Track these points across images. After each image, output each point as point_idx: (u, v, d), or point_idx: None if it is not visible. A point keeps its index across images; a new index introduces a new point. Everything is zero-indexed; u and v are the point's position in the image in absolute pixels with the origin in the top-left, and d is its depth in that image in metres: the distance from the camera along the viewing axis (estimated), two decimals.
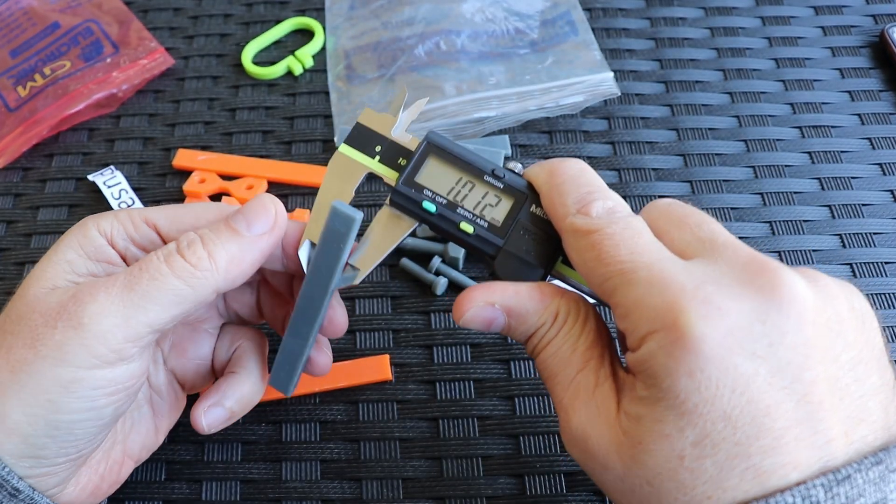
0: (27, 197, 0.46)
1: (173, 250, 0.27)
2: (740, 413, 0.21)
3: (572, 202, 0.27)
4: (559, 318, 0.27)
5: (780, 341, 0.22)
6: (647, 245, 0.25)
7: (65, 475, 0.28)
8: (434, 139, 0.31)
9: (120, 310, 0.26)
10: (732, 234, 0.25)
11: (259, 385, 0.33)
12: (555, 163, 0.29)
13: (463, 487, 0.35)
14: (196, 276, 0.27)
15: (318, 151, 0.47)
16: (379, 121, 0.32)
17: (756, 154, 0.45)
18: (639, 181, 0.44)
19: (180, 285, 0.27)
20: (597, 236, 0.25)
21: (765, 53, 0.50)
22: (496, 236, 0.29)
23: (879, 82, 0.48)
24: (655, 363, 0.22)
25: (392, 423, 0.37)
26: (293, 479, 0.35)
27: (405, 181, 0.30)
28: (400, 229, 0.30)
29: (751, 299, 0.22)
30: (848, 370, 0.23)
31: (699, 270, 0.23)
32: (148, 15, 0.54)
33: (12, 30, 0.52)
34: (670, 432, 0.22)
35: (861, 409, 0.23)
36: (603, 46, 0.50)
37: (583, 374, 0.26)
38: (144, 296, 0.26)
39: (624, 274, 0.24)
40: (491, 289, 0.28)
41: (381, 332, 0.39)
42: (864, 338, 0.24)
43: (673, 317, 0.22)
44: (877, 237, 0.42)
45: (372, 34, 0.51)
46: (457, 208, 0.30)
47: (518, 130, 0.47)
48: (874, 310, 0.25)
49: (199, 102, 0.49)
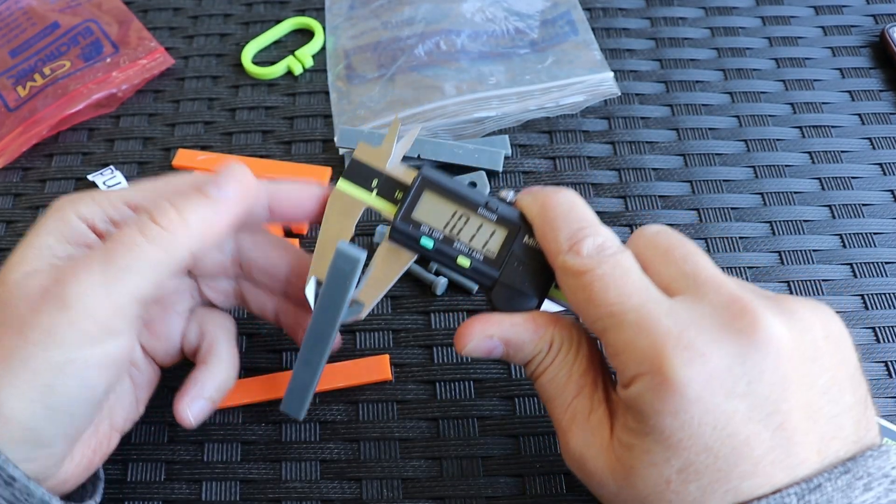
0: (27, 197, 0.46)
1: (146, 219, 0.28)
2: (721, 445, 0.24)
3: (564, 239, 0.28)
4: (554, 345, 0.29)
5: (758, 379, 0.24)
6: (635, 285, 0.26)
7: (62, 454, 0.28)
8: (428, 175, 0.31)
9: (102, 284, 0.26)
10: (716, 267, 0.27)
11: (232, 370, 0.34)
12: (546, 195, 0.30)
13: (463, 487, 0.35)
14: (169, 239, 0.27)
15: (317, 151, 0.47)
16: (373, 155, 0.32)
17: (756, 154, 0.45)
18: (639, 181, 0.44)
19: (156, 251, 0.27)
20: (587, 277, 0.27)
21: (765, 53, 0.50)
22: (492, 268, 0.31)
23: (880, 82, 0.48)
24: (643, 403, 0.24)
25: (392, 423, 0.37)
26: (293, 479, 0.35)
27: (402, 218, 0.31)
28: (400, 263, 0.32)
29: (731, 342, 0.24)
30: (822, 393, 0.25)
31: (683, 313, 0.25)
32: (148, 15, 0.54)
33: (12, 30, 0.51)
34: (657, 461, 0.24)
35: (835, 427, 0.25)
36: (603, 46, 0.50)
37: (578, 399, 0.28)
38: (124, 267, 0.27)
39: (613, 316, 0.26)
40: (489, 321, 0.29)
41: (381, 332, 0.39)
42: (839, 360, 0.26)
43: (658, 362, 0.24)
44: (877, 237, 0.42)
45: (372, 34, 0.51)
46: (453, 242, 0.31)
47: (518, 130, 0.47)
48: (848, 329, 0.27)
49: (199, 102, 0.49)
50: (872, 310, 0.39)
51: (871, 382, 0.37)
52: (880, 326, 0.39)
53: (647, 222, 0.43)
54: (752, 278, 0.41)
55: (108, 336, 0.27)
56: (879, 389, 0.37)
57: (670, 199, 0.44)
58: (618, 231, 0.43)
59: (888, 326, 0.39)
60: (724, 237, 0.42)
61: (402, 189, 0.32)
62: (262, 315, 0.36)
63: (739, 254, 0.42)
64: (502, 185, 0.44)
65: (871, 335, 0.39)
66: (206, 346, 0.34)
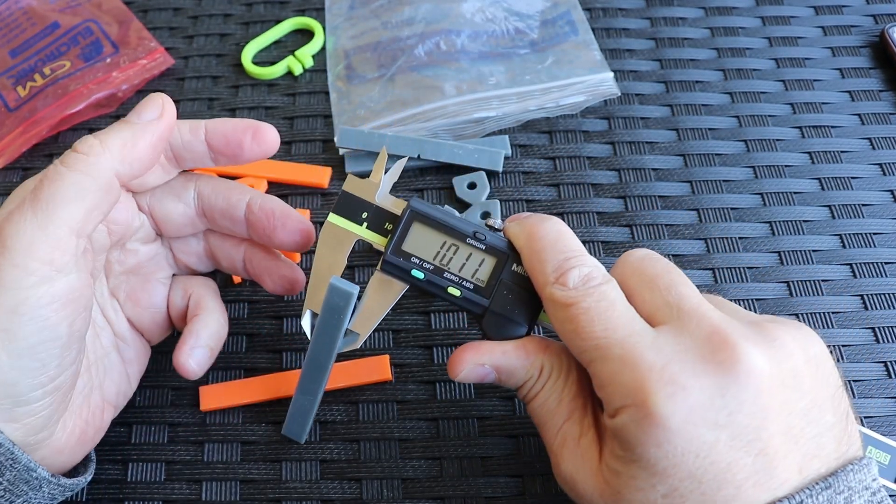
0: None
1: (69, 151, 0.29)
2: (704, 472, 0.25)
3: (551, 270, 0.29)
4: (544, 371, 0.30)
5: (738, 410, 0.25)
6: (620, 319, 0.27)
7: (48, 415, 0.28)
8: (416, 207, 0.32)
9: (33, 220, 0.27)
10: (700, 296, 0.28)
11: (223, 320, 0.36)
12: (532, 225, 0.31)
13: (463, 487, 0.35)
14: (91, 163, 0.28)
15: (318, 151, 0.47)
16: (362, 187, 0.33)
17: (756, 154, 0.45)
18: (639, 181, 0.44)
19: (78, 176, 0.28)
20: (573, 310, 0.28)
21: (765, 53, 0.50)
22: (482, 297, 0.31)
23: (879, 82, 0.48)
24: (628, 433, 0.25)
25: (392, 423, 0.37)
26: (293, 479, 0.35)
27: (393, 250, 0.32)
28: (393, 293, 0.32)
29: (711, 375, 0.25)
30: (802, 416, 0.26)
31: (666, 347, 0.26)
32: (148, 15, 0.54)
33: (12, 30, 0.51)
34: (643, 487, 0.25)
35: (815, 446, 0.26)
36: (603, 46, 0.50)
37: (568, 423, 0.29)
38: (50, 199, 0.27)
39: (599, 349, 0.27)
40: (479, 350, 0.30)
41: (382, 333, 0.39)
42: (819, 382, 0.27)
43: (642, 396, 0.25)
44: (877, 237, 0.42)
45: (372, 34, 0.51)
46: (443, 273, 0.32)
47: (518, 130, 0.47)
48: (829, 350, 0.28)
49: (199, 102, 0.49)
50: (872, 310, 0.40)
51: (871, 383, 0.37)
52: (880, 327, 0.39)
53: (647, 222, 0.43)
54: (751, 278, 0.41)
55: (55, 273, 0.27)
56: (878, 390, 0.37)
57: (670, 200, 0.44)
58: (617, 231, 0.43)
59: (887, 327, 0.39)
60: (723, 237, 0.42)
61: (392, 220, 0.32)
62: (232, 269, 0.37)
63: (739, 254, 0.42)
64: (503, 185, 0.44)
65: (870, 335, 0.39)
66: (193, 304, 0.35)
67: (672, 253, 0.42)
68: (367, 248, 0.42)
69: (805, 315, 0.39)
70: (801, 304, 0.40)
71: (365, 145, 0.45)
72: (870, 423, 0.36)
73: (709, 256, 0.42)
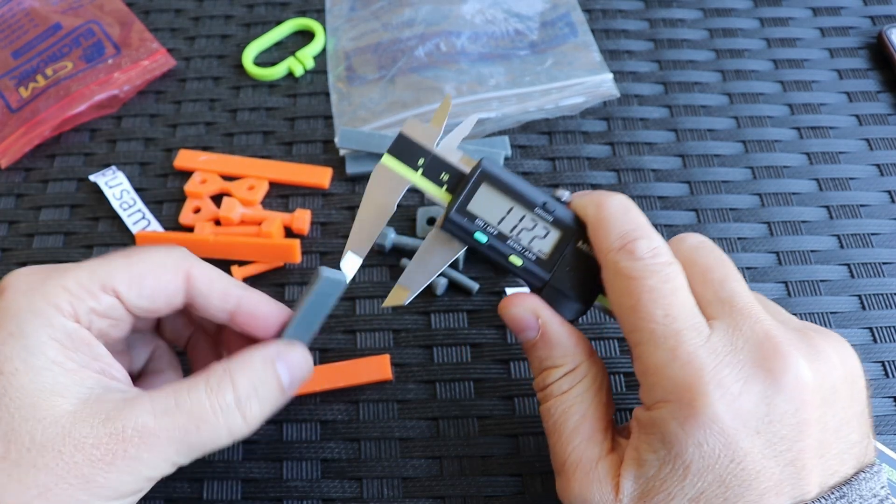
0: (29, 197, 0.46)
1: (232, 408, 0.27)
2: (734, 478, 0.25)
3: (616, 237, 0.28)
4: (578, 370, 0.29)
5: (779, 420, 0.25)
6: (683, 308, 0.26)
7: None
8: (488, 168, 0.31)
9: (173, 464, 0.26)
10: (751, 294, 0.27)
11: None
12: (602, 196, 0.30)
13: (463, 487, 0.35)
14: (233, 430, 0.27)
15: (318, 152, 0.47)
16: (422, 133, 0.32)
17: (754, 155, 0.46)
18: (638, 182, 0.45)
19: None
20: (637, 285, 0.27)
21: (763, 54, 0.50)
22: (543, 270, 0.30)
23: (877, 83, 0.49)
24: (667, 429, 0.25)
25: (392, 422, 0.37)
26: (294, 478, 0.36)
27: (458, 209, 0.30)
28: (450, 252, 0.31)
29: (761, 382, 0.25)
30: (833, 432, 0.26)
31: (720, 346, 0.26)
32: (149, 16, 0.54)
33: (14, 31, 0.52)
34: (671, 490, 0.25)
35: (838, 463, 0.26)
36: (602, 48, 0.50)
37: (588, 443, 0.28)
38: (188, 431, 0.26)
39: (654, 333, 0.26)
40: (543, 306, 0.30)
41: (382, 333, 0.40)
42: (853, 399, 0.27)
43: (690, 395, 0.25)
44: (874, 238, 0.42)
45: (372, 35, 0.51)
46: (507, 240, 0.31)
47: (518, 131, 0.47)
48: (862, 365, 0.28)
49: (201, 103, 0.49)
50: (869, 310, 0.40)
51: (870, 383, 0.37)
52: (877, 327, 0.39)
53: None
54: (750, 279, 0.41)
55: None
56: (877, 390, 0.37)
57: (669, 200, 0.44)
58: None
59: (885, 327, 0.39)
60: (722, 238, 0.42)
61: (450, 172, 0.31)
62: (175, 341, 0.34)
63: (738, 254, 0.42)
64: None
65: (868, 335, 0.39)
66: (156, 360, 0.33)
67: None
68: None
69: (803, 315, 0.40)
70: (800, 305, 0.40)
71: (365, 146, 0.45)
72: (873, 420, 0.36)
73: None
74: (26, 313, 0.25)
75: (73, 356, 0.25)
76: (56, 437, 0.23)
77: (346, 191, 0.45)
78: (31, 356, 0.24)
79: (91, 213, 0.45)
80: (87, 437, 0.24)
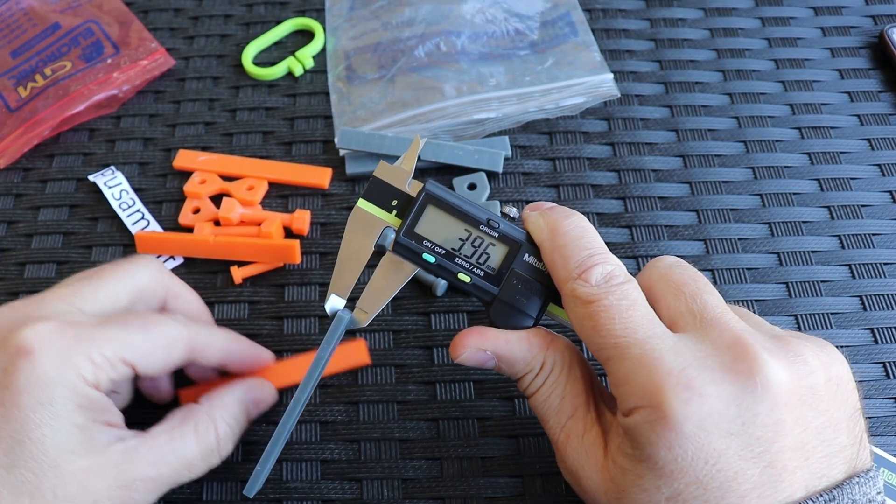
0: (28, 197, 0.46)
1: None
2: (711, 479, 0.25)
3: (573, 266, 0.29)
4: (545, 366, 0.30)
5: (752, 421, 0.25)
6: (641, 319, 0.27)
7: None
8: (431, 190, 0.32)
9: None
10: (725, 306, 0.28)
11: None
12: (557, 219, 0.30)
13: (463, 488, 0.35)
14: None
15: (318, 152, 0.47)
16: (394, 174, 0.33)
17: (755, 155, 0.46)
18: (638, 182, 0.45)
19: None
20: (594, 308, 0.28)
21: (764, 54, 0.50)
22: (491, 285, 0.31)
23: (878, 83, 0.48)
24: (640, 434, 0.26)
25: (392, 423, 0.37)
26: (294, 479, 0.36)
27: (406, 232, 0.31)
28: (403, 274, 0.32)
29: (730, 384, 0.25)
30: (816, 434, 0.26)
31: (686, 351, 0.26)
32: (148, 16, 0.54)
33: (13, 30, 0.52)
34: (648, 487, 0.26)
35: (826, 466, 0.26)
36: (603, 47, 0.50)
37: (572, 420, 0.30)
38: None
39: (618, 348, 0.27)
40: (484, 335, 0.31)
41: (382, 333, 0.40)
42: (838, 402, 0.27)
43: (658, 399, 0.25)
44: (875, 238, 0.42)
45: (372, 35, 0.51)
46: (454, 258, 0.31)
47: (518, 131, 0.47)
48: (852, 371, 0.28)
49: (200, 103, 0.49)
50: (871, 311, 0.40)
51: (870, 384, 0.37)
52: (878, 327, 0.39)
53: (646, 223, 0.43)
54: (750, 279, 0.41)
55: None
56: (877, 390, 0.37)
57: (670, 201, 0.44)
58: (617, 232, 0.43)
59: (886, 327, 0.39)
60: (723, 238, 0.42)
61: (398, 198, 0.32)
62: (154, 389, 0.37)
63: (738, 255, 0.42)
64: (502, 185, 0.45)
65: (868, 336, 0.39)
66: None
67: (671, 254, 0.42)
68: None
69: (804, 316, 0.40)
70: (800, 305, 0.40)
71: (365, 146, 0.45)
72: (868, 424, 0.36)
73: (708, 257, 0.42)
74: (56, 384, 0.28)
75: (90, 415, 0.29)
76: (76, 494, 0.27)
77: (346, 191, 0.45)
78: (56, 421, 0.27)
79: (90, 213, 0.45)
80: (101, 490, 0.28)
